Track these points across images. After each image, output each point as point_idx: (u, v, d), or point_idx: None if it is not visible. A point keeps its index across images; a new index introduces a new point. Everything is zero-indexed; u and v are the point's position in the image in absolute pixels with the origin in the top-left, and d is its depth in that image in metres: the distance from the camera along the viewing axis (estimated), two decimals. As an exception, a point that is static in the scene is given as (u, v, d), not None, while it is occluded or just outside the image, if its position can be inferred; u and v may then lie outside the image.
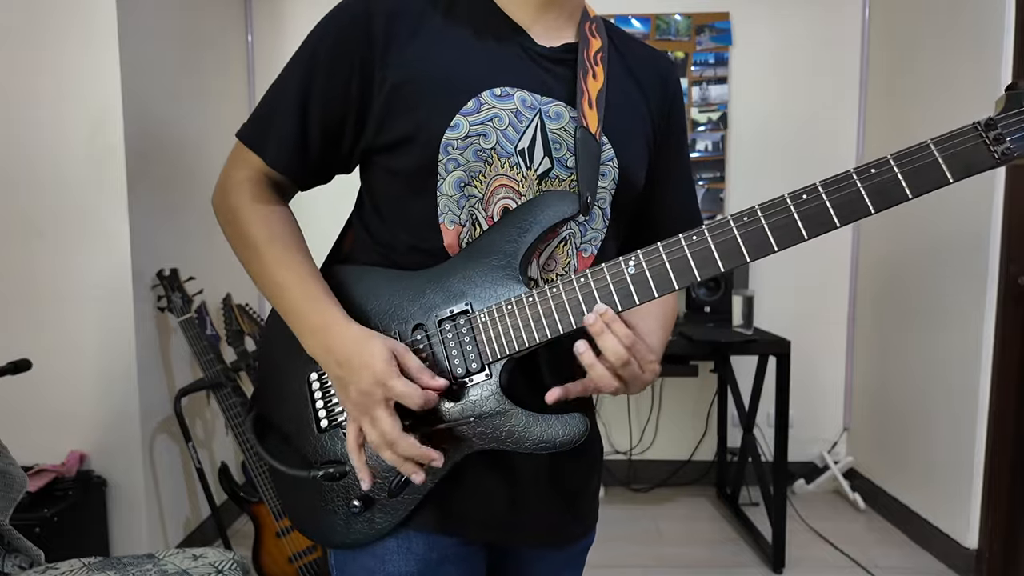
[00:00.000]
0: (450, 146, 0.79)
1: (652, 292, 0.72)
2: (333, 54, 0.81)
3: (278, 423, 0.89)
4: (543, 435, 0.75)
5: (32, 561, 1.43)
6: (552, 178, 0.82)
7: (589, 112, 0.82)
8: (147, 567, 1.40)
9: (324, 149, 0.84)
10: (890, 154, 0.65)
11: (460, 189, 0.80)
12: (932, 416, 2.66)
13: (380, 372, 0.73)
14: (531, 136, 0.81)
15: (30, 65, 2.12)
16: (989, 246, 2.32)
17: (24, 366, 1.64)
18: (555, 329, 0.74)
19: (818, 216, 0.67)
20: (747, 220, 0.69)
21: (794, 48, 3.17)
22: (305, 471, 0.82)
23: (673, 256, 0.71)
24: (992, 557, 2.37)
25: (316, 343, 0.79)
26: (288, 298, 0.81)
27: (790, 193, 0.68)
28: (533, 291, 0.75)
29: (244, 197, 0.85)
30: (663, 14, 3.18)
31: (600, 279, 0.73)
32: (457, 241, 0.81)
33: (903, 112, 2.89)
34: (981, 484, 2.39)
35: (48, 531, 1.93)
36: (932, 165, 0.65)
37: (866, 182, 0.66)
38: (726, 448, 3.21)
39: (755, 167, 3.22)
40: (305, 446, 0.85)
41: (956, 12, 2.54)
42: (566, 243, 0.84)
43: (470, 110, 0.79)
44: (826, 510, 3.04)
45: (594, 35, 0.88)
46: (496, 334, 0.76)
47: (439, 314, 0.79)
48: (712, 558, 2.65)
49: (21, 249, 2.17)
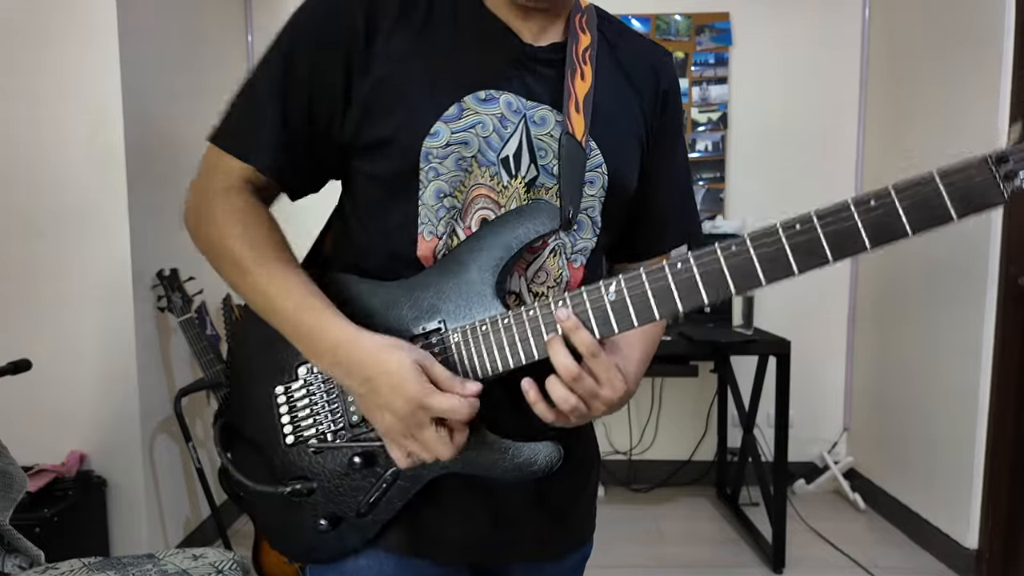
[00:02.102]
0: (430, 154, 0.75)
1: (632, 321, 0.67)
2: (314, 45, 0.76)
3: (247, 434, 0.85)
4: (514, 463, 0.72)
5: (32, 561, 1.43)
6: (538, 186, 0.78)
7: (576, 117, 0.78)
8: (147, 567, 1.40)
9: (314, 149, 0.79)
10: (892, 185, 0.61)
11: (440, 199, 0.76)
12: (932, 416, 2.66)
13: (416, 393, 0.67)
14: (516, 143, 0.77)
15: (30, 65, 2.12)
16: (989, 246, 2.32)
17: (24, 366, 1.64)
18: (530, 355, 0.70)
19: (810, 249, 0.62)
20: (735, 250, 0.65)
21: (794, 48, 3.17)
22: (272, 487, 0.79)
23: (655, 284, 0.67)
24: (992, 557, 2.37)
25: (332, 363, 0.73)
26: (289, 319, 0.75)
27: (783, 222, 0.63)
28: (509, 313, 0.71)
29: (222, 207, 0.78)
30: (663, 14, 3.18)
31: (579, 303, 0.68)
32: (432, 253, 0.77)
33: (903, 112, 2.89)
34: (981, 484, 2.39)
35: (48, 531, 1.93)
36: (935, 200, 0.60)
37: (864, 215, 0.61)
38: (726, 448, 3.21)
39: (755, 167, 3.22)
40: (273, 460, 0.81)
41: (956, 12, 2.53)
42: (556, 254, 0.80)
43: (451, 116, 0.74)
44: (826, 510, 3.04)
45: (584, 30, 0.83)
46: (469, 356, 0.72)
47: (411, 330, 0.74)
48: (712, 558, 2.65)
49: (21, 249, 2.17)
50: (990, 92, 2.30)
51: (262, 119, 0.77)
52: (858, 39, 3.16)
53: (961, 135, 2.46)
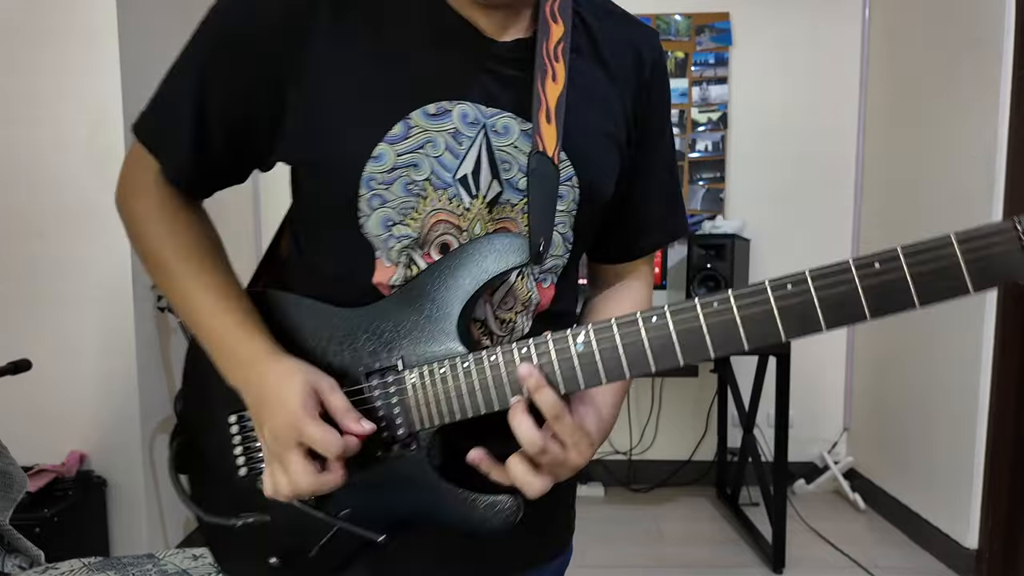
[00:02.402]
0: (373, 180, 0.66)
1: (600, 377, 0.61)
2: (237, 33, 0.67)
3: (204, 456, 0.78)
4: (468, 518, 0.67)
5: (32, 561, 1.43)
6: (503, 203, 0.70)
7: (546, 128, 0.69)
8: (147, 567, 1.40)
9: (230, 154, 0.72)
10: (901, 247, 0.53)
11: (387, 229, 0.68)
12: (932, 416, 2.66)
13: (293, 414, 0.63)
14: (475, 158, 0.68)
15: (30, 65, 2.12)
16: (989, 246, 2.32)
17: (24, 366, 1.64)
18: (489, 405, 0.64)
19: (802, 314, 0.55)
20: (717, 307, 0.58)
21: (794, 48, 3.17)
22: (224, 519, 0.74)
23: (628, 340, 0.60)
24: (992, 557, 2.37)
25: (240, 377, 0.69)
26: (208, 326, 0.71)
27: (772, 281, 0.56)
28: (470, 356, 0.65)
29: (148, 203, 0.73)
30: (663, 14, 3.17)
31: (544, 352, 0.62)
32: (387, 282, 0.70)
33: (903, 112, 2.89)
34: (981, 484, 2.39)
35: (48, 531, 1.93)
36: (951, 270, 0.52)
37: (866, 279, 0.54)
38: (726, 448, 3.21)
39: (755, 167, 3.22)
40: (228, 488, 0.75)
41: (956, 12, 2.53)
42: (524, 276, 0.72)
43: (396, 136, 0.66)
44: (826, 510, 3.04)
45: (555, 19, 0.72)
46: (426, 401, 0.66)
47: (367, 366, 0.69)
48: (712, 558, 2.65)
49: (21, 249, 2.17)
50: (990, 92, 2.30)
51: (177, 118, 0.69)
52: (858, 39, 3.16)
53: (961, 135, 2.46)
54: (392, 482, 0.69)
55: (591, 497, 3.17)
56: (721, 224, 3.09)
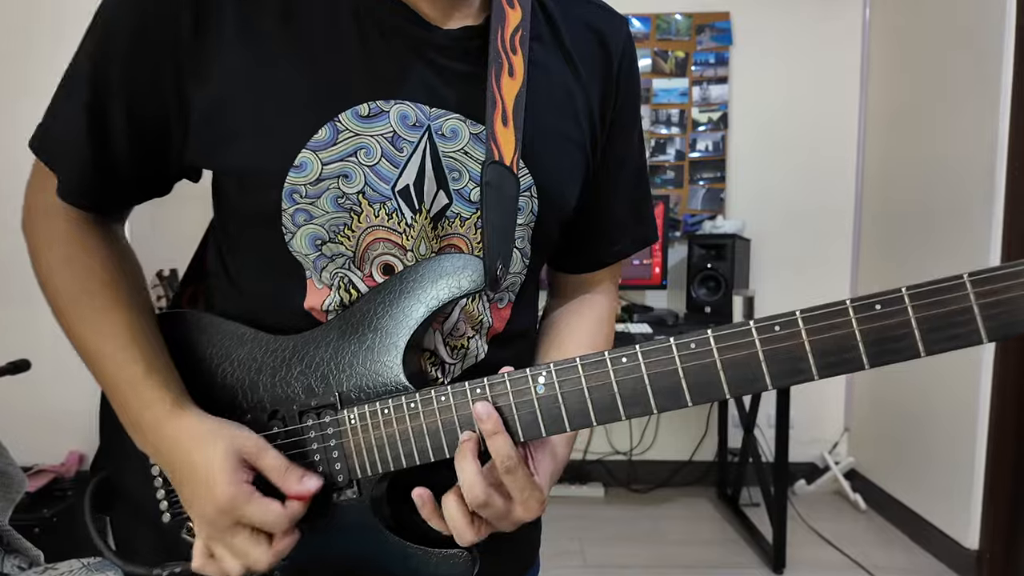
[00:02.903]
0: (296, 193, 0.58)
1: (564, 424, 0.54)
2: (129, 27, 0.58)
3: (127, 494, 0.69)
4: (418, 574, 0.60)
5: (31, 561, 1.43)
6: (451, 216, 0.61)
7: (503, 134, 0.60)
8: (146, 567, 1.40)
9: (138, 166, 0.62)
10: (906, 288, 0.46)
11: (316, 248, 0.60)
12: (933, 416, 2.66)
13: (223, 497, 0.55)
14: (417, 166, 0.60)
15: (30, 64, 2.12)
16: (990, 247, 2.32)
17: (24, 366, 1.64)
18: (439, 451, 0.57)
19: (790, 360, 0.49)
20: (695, 349, 0.51)
21: (795, 48, 3.17)
22: (147, 568, 0.65)
23: (594, 382, 0.53)
24: (993, 558, 2.36)
25: (145, 443, 0.61)
26: (109, 380, 0.62)
27: (757, 321, 0.50)
28: (416, 396, 0.57)
29: (47, 233, 0.64)
30: (663, 14, 3.17)
31: (501, 394, 0.55)
32: (320, 306, 0.61)
33: (903, 112, 2.89)
34: (982, 485, 2.39)
35: (47, 531, 1.93)
36: (963, 315, 0.45)
37: (865, 323, 0.47)
38: (727, 448, 3.21)
39: (755, 167, 3.22)
40: (154, 531, 0.67)
41: (956, 12, 2.53)
42: (476, 298, 0.65)
43: (322, 142, 0.57)
44: (827, 511, 3.04)
45: (512, 3, 0.64)
46: (368, 446, 0.59)
47: (300, 404, 0.61)
48: (712, 559, 2.65)
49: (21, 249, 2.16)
50: (991, 92, 2.30)
51: (71, 132, 0.60)
52: (859, 39, 3.16)
53: (962, 135, 2.46)
54: (333, 532, 0.61)
55: (591, 497, 3.17)
56: (721, 224, 3.08)
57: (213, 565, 0.59)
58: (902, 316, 0.46)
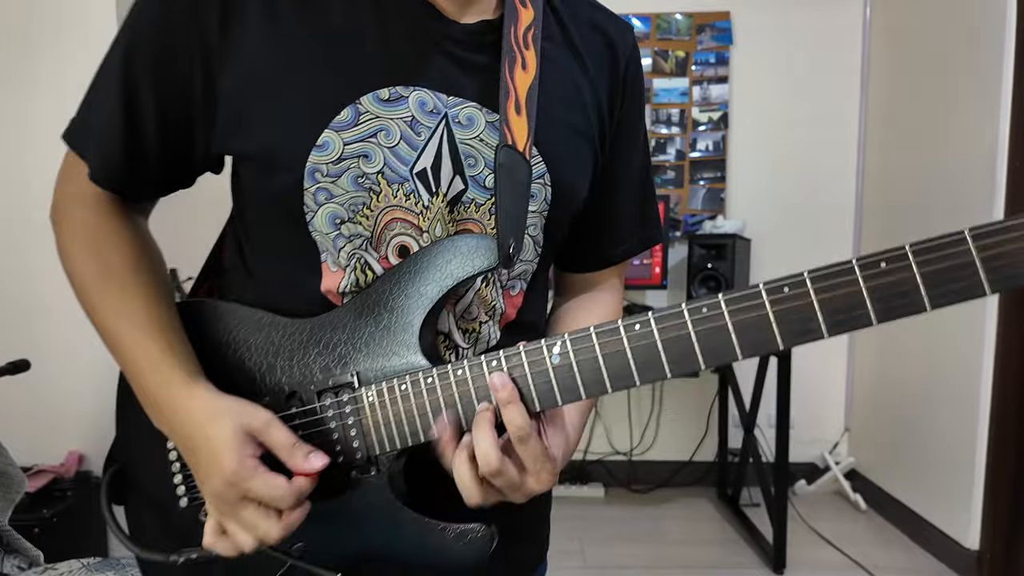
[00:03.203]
0: (318, 172, 0.60)
1: (579, 392, 0.55)
2: (159, 25, 0.61)
3: (141, 485, 0.71)
4: (438, 548, 0.60)
5: (31, 562, 1.43)
6: (467, 202, 0.63)
7: (516, 121, 0.63)
8: (146, 568, 1.39)
9: (166, 152, 0.65)
10: (909, 245, 0.48)
11: (335, 227, 0.61)
12: (933, 416, 2.65)
13: (228, 469, 0.56)
14: (434, 151, 0.62)
15: (30, 63, 2.12)
16: (990, 246, 2.31)
17: (23, 366, 1.64)
18: (457, 423, 0.58)
19: (800, 320, 0.50)
20: (707, 313, 0.52)
21: (795, 47, 3.17)
22: (163, 555, 0.66)
23: (608, 349, 0.54)
24: (993, 558, 2.36)
25: (160, 419, 0.63)
26: (128, 360, 0.63)
27: (767, 283, 0.51)
28: (433, 371, 0.58)
29: (74, 223, 0.66)
30: (663, 13, 3.17)
31: (516, 365, 0.56)
32: (336, 288, 0.63)
33: (904, 112, 2.89)
34: (982, 485, 2.39)
35: (47, 531, 1.93)
36: (965, 268, 0.47)
37: (871, 280, 0.49)
38: (727, 449, 3.21)
39: (755, 167, 3.22)
40: (169, 519, 0.68)
41: (957, 12, 2.53)
42: (489, 283, 0.66)
43: (344, 123, 0.59)
44: (827, 511, 3.04)
45: (525, 3, 0.66)
46: (386, 422, 0.60)
47: (318, 384, 0.62)
48: (713, 559, 2.65)
49: (21, 249, 2.16)
50: (991, 92, 2.30)
51: (104, 120, 0.64)
52: (859, 39, 3.15)
53: (962, 135, 2.46)
54: (350, 512, 0.62)
55: (591, 497, 3.17)
56: (722, 224, 3.08)
57: (225, 542, 0.60)
58: (907, 272, 0.48)
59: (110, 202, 0.67)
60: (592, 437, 3.30)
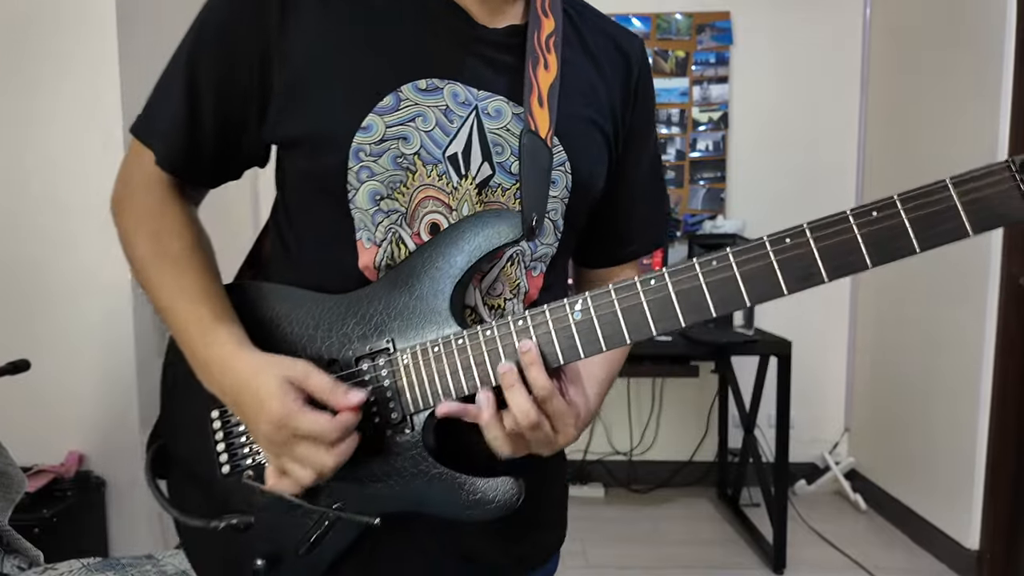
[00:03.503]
0: (362, 151, 0.66)
1: (600, 344, 0.61)
2: (223, 28, 0.69)
3: (183, 458, 0.78)
4: (469, 501, 0.65)
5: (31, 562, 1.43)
6: (494, 186, 0.70)
7: (539, 112, 0.70)
8: (146, 567, 1.39)
9: (221, 144, 0.72)
10: (897, 194, 0.54)
11: (375, 203, 0.68)
12: (933, 416, 2.66)
13: (276, 412, 0.62)
14: (465, 138, 0.68)
15: (30, 63, 2.12)
16: (990, 247, 2.32)
17: (24, 366, 1.64)
18: (487, 379, 0.63)
19: (802, 266, 0.55)
20: (716, 266, 0.57)
21: (795, 47, 3.17)
22: (204, 521, 0.71)
23: (626, 304, 0.60)
24: (993, 558, 2.36)
25: (211, 380, 0.69)
26: (180, 327, 0.70)
27: (770, 236, 0.56)
28: (464, 332, 0.64)
29: (135, 205, 0.74)
30: (663, 13, 3.17)
31: (541, 323, 0.62)
32: (373, 263, 0.69)
33: (904, 112, 2.89)
34: (982, 485, 2.39)
35: (47, 532, 1.92)
36: (947, 213, 0.52)
37: (865, 228, 0.54)
38: (727, 449, 3.21)
39: (755, 167, 3.22)
40: (209, 490, 0.73)
41: (956, 12, 2.53)
42: (514, 262, 0.72)
43: (387, 108, 0.66)
44: (827, 511, 3.04)
45: (546, 14, 0.74)
46: (420, 381, 0.65)
47: (356, 350, 0.67)
48: (713, 559, 2.65)
49: (21, 249, 2.16)
50: (991, 92, 2.30)
51: (169, 111, 0.71)
52: (859, 38, 3.16)
53: (962, 134, 2.46)
54: (385, 470, 0.67)
55: (591, 497, 3.17)
56: (721, 224, 3.08)
57: (286, 480, 0.66)
58: (896, 219, 0.53)
59: (170, 188, 0.74)
60: (592, 437, 3.30)
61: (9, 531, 1.41)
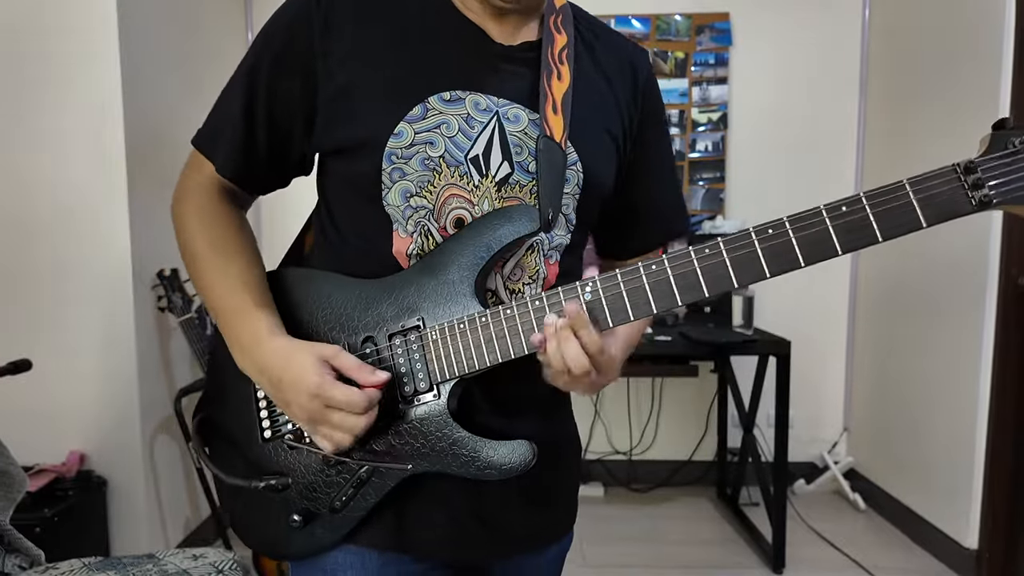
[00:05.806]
0: (394, 155, 0.75)
1: (607, 320, 0.70)
2: (276, 52, 0.78)
3: (225, 428, 0.86)
4: (488, 461, 0.73)
5: (32, 561, 1.43)
6: (512, 184, 0.78)
7: (554, 118, 0.78)
8: (147, 567, 1.40)
9: (273, 154, 0.82)
10: (863, 192, 0.64)
11: (406, 200, 0.77)
12: (932, 416, 2.66)
13: (313, 385, 0.71)
14: (486, 141, 0.77)
15: (30, 64, 2.12)
16: (989, 247, 2.32)
17: (24, 366, 1.64)
18: (506, 352, 0.72)
19: (783, 253, 0.65)
20: (708, 252, 0.67)
21: (794, 48, 3.17)
22: (246, 481, 0.80)
23: (631, 286, 0.69)
24: (992, 558, 2.37)
25: (247, 362, 0.78)
26: (222, 310, 0.79)
27: (755, 227, 0.66)
28: (487, 311, 0.73)
29: (191, 205, 0.84)
30: (663, 14, 3.18)
31: (555, 303, 0.71)
32: (405, 251, 0.78)
33: (903, 112, 2.89)
34: (981, 484, 2.39)
35: (48, 531, 1.93)
36: (905, 208, 0.62)
37: (836, 221, 0.64)
38: (726, 448, 3.21)
39: (755, 167, 3.22)
40: (250, 454, 0.83)
41: (956, 12, 2.53)
42: (533, 250, 0.80)
43: (416, 116, 0.75)
44: (826, 510, 3.04)
45: (559, 30, 0.82)
46: (447, 353, 0.74)
47: (390, 328, 0.76)
48: (712, 558, 2.65)
49: (21, 249, 2.17)
50: (990, 92, 2.30)
51: (228, 124, 0.80)
52: (858, 39, 3.16)
53: (961, 135, 2.46)
54: (413, 433, 0.75)
55: (591, 497, 3.18)
56: (721, 224, 3.09)
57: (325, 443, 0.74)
58: (862, 213, 0.64)
59: (224, 191, 0.84)
60: (592, 437, 3.30)
61: (10, 530, 1.41)
